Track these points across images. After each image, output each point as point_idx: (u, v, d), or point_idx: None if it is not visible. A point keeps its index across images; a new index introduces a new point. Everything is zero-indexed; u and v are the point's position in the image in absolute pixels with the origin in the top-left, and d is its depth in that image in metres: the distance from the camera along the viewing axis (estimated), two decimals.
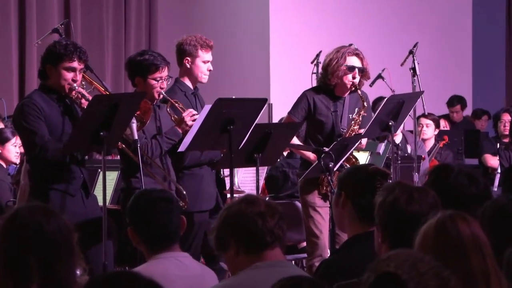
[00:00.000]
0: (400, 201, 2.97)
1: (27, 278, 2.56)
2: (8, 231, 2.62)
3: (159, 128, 5.54)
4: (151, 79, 5.48)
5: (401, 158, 7.51)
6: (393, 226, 2.95)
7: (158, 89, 5.48)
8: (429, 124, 9.24)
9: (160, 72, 5.48)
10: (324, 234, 5.85)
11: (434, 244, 2.49)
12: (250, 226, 2.98)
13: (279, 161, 7.18)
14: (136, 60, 5.56)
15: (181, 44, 5.86)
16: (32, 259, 2.56)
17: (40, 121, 5.04)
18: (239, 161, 5.41)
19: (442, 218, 2.54)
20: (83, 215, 5.10)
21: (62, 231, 2.62)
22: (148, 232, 3.56)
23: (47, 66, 5.14)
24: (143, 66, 5.49)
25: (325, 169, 5.48)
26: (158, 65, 5.47)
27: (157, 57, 5.51)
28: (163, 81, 5.50)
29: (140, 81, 5.52)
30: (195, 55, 5.84)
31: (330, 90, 5.99)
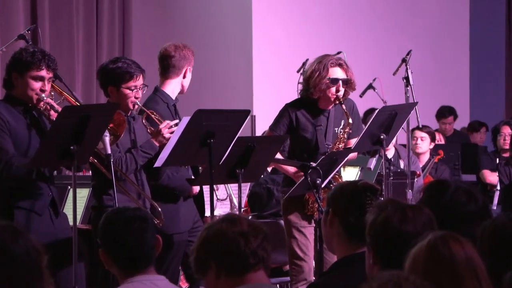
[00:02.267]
0: (393, 220, 2.98)
1: None
2: None
3: (134, 141, 5.53)
4: (125, 88, 5.46)
5: (394, 174, 7.54)
6: (385, 247, 2.96)
7: (133, 99, 5.47)
8: (424, 137, 9.27)
9: (134, 80, 5.46)
10: (308, 257, 5.85)
11: (425, 267, 2.50)
12: (232, 247, 2.98)
13: (263, 177, 7.19)
14: (108, 68, 5.54)
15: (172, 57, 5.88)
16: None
17: (4, 135, 5.01)
18: (220, 177, 5.41)
19: (433, 239, 2.55)
20: (52, 235, 5.08)
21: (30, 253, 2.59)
22: (121, 254, 3.55)
23: (13, 75, 5.12)
24: (116, 75, 5.47)
25: (312, 185, 5.48)
26: (132, 73, 5.46)
27: (131, 64, 5.49)
28: (138, 90, 5.49)
29: (113, 91, 5.51)
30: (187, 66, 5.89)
31: (313, 103, 5.99)
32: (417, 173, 8.36)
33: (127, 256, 3.54)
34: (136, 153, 5.42)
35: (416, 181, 8.05)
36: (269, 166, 7.21)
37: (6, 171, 4.99)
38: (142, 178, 5.55)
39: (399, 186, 7.28)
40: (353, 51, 7.63)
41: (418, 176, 8.32)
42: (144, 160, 5.43)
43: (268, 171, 7.59)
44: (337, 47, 7.32)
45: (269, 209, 7.29)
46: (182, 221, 5.73)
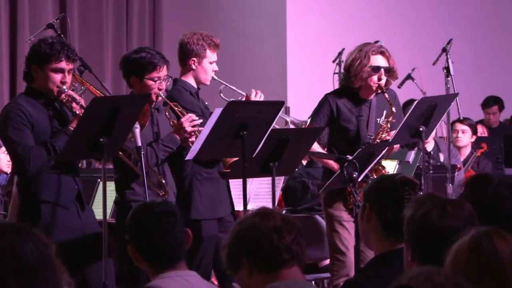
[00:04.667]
0: (432, 216, 2.96)
1: None
2: None
3: (157, 134, 5.53)
4: (148, 79, 5.46)
5: (433, 167, 7.49)
6: (424, 243, 2.94)
7: (156, 90, 5.47)
8: (465, 130, 9.20)
9: (157, 71, 5.45)
10: (350, 252, 5.83)
11: (467, 264, 2.48)
12: (265, 242, 2.98)
13: (297, 171, 7.18)
14: (131, 58, 5.54)
15: (187, 44, 5.86)
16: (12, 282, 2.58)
17: (25, 129, 5.04)
18: (253, 170, 5.41)
19: (477, 235, 2.53)
20: (79, 229, 5.11)
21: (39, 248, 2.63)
22: (150, 250, 3.56)
23: (33, 68, 5.13)
24: (139, 65, 5.46)
25: (348, 179, 5.46)
26: (155, 63, 5.44)
27: (154, 55, 5.48)
28: (162, 81, 5.49)
29: (136, 81, 5.52)
30: (202, 56, 5.85)
31: (354, 93, 5.97)
32: (458, 167, 8.30)
33: (156, 252, 3.55)
34: (157, 147, 5.43)
35: (457, 175, 7.99)
36: (304, 159, 7.21)
37: (25, 165, 5.01)
38: (165, 171, 5.55)
39: (439, 180, 7.23)
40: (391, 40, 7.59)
41: (458, 170, 8.26)
42: (165, 154, 5.44)
43: (303, 164, 7.57)
44: (374, 36, 7.28)
45: (304, 203, 7.28)
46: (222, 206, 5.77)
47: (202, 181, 5.75)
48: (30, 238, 2.63)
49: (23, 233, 2.64)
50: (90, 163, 7.87)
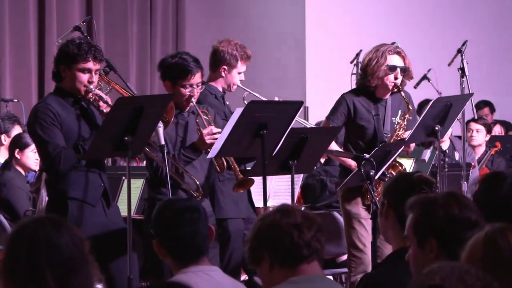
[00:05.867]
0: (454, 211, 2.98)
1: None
2: (16, 247, 2.65)
3: (182, 140, 5.52)
4: (180, 86, 5.45)
5: (449, 165, 7.47)
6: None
7: (188, 97, 5.44)
8: (479, 129, 9.17)
9: (190, 79, 5.42)
10: (368, 248, 5.82)
11: (482, 260, 2.47)
12: (285, 238, 2.98)
13: (316, 169, 7.17)
14: (167, 61, 5.54)
15: (221, 51, 5.85)
16: (47, 273, 2.60)
17: (55, 128, 5.06)
18: (273, 168, 5.41)
19: (491, 231, 2.52)
20: (105, 226, 5.13)
21: (74, 242, 2.66)
22: (174, 245, 3.57)
23: (61, 68, 5.15)
24: (173, 70, 5.45)
25: (365, 177, 5.46)
26: (188, 71, 5.41)
27: (189, 62, 5.43)
28: (194, 88, 5.46)
29: (169, 86, 5.52)
30: (233, 66, 5.87)
31: (370, 92, 5.97)
32: (473, 165, 8.27)
33: (180, 247, 3.56)
34: (178, 157, 5.42)
35: (472, 173, 7.97)
36: (322, 157, 7.20)
37: (56, 165, 5.03)
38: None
39: (454, 178, 7.21)
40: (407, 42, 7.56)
41: (473, 168, 8.24)
42: (186, 164, 5.43)
43: (321, 162, 7.57)
44: (391, 37, 7.27)
45: (322, 200, 7.28)
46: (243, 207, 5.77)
47: (224, 181, 5.75)
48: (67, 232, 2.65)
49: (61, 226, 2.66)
50: (115, 161, 7.89)
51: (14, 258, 2.65)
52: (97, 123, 5.17)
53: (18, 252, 2.65)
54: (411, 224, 2.97)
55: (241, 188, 5.49)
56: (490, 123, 9.58)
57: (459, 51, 7.14)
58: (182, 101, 5.48)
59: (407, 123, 5.97)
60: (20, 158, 7.03)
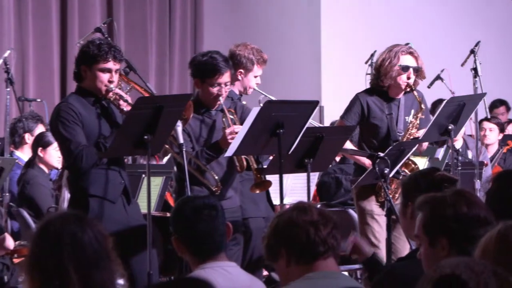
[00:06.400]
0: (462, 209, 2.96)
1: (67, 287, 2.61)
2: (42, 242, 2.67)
3: (206, 139, 5.52)
4: (209, 84, 5.45)
5: (462, 164, 7.45)
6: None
7: (216, 95, 5.44)
8: (492, 128, 9.14)
9: (218, 77, 5.41)
10: (382, 244, 5.81)
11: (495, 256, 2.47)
12: (302, 235, 2.98)
13: (331, 167, 7.17)
14: (197, 60, 5.53)
15: (238, 55, 5.84)
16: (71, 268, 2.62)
17: (77, 127, 5.07)
18: (289, 166, 5.41)
19: (504, 228, 2.51)
20: (125, 222, 5.13)
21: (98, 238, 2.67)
22: (192, 241, 3.57)
23: (82, 68, 5.16)
24: (202, 69, 5.44)
25: (380, 175, 5.45)
26: (216, 70, 5.40)
27: (219, 61, 5.42)
28: (222, 87, 5.45)
29: (198, 83, 5.53)
30: (250, 69, 5.86)
31: (383, 92, 5.96)
32: (485, 163, 8.25)
33: (198, 243, 3.56)
34: (200, 154, 5.43)
35: (484, 171, 7.94)
36: (337, 156, 7.20)
37: (78, 163, 5.05)
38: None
39: (467, 176, 7.19)
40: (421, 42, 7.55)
41: (486, 166, 8.21)
42: (208, 161, 5.43)
43: (337, 160, 7.56)
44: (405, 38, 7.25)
45: (338, 198, 7.27)
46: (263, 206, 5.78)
47: (243, 182, 5.75)
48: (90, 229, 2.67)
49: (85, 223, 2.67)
50: (135, 159, 7.91)
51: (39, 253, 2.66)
52: (117, 122, 5.19)
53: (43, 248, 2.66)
54: (420, 224, 2.96)
55: (258, 189, 5.49)
56: (503, 123, 9.55)
57: (472, 52, 7.12)
58: (209, 100, 5.48)
59: (419, 122, 5.96)
60: (43, 156, 7.06)
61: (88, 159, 5.04)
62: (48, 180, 7.09)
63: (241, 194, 5.72)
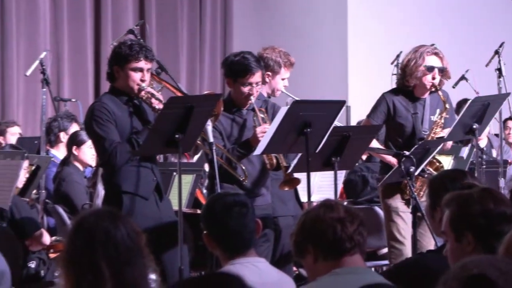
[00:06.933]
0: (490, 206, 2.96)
1: (100, 282, 2.62)
2: (76, 238, 2.68)
3: (237, 138, 5.53)
4: (240, 84, 5.45)
5: (486, 162, 7.40)
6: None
7: (247, 95, 5.44)
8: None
9: (249, 77, 5.40)
10: (407, 240, 5.79)
11: None
12: (329, 232, 2.98)
13: (357, 165, 7.15)
14: (229, 60, 5.54)
15: (266, 58, 5.83)
16: (103, 264, 2.63)
17: (110, 125, 5.09)
18: (316, 165, 5.40)
19: None
20: (157, 219, 5.15)
21: (130, 235, 2.67)
22: (223, 238, 3.58)
23: (114, 68, 5.18)
24: (234, 68, 5.44)
25: (405, 173, 5.43)
26: (249, 69, 5.40)
27: (250, 61, 5.42)
28: (253, 87, 5.45)
29: (230, 83, 5.53)
30: (277, 72, 5.84)
31: (409, 92, 5.95)
32: (509, 162, 8.19)
33: (229, 240, 3.57)
34: (232, 152, 5.44)
35: (508, 170, 7.89)
36: (364, 155, 7.18)
37: (112, 160, 5.07)
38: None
39: (492, 175, 7.15)
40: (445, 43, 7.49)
41: (510, 165, 8.16)
42: (239, 159, 5.44)
43: (363, 159, 7.54)
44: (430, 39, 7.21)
45: (364, 195, 7.25)
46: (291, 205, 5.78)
47: (271, 182, 5.74)
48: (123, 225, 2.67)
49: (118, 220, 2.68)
50: (166, 157, 7.93)
51: (74, 249, 2.68)
52: (149, 120, 5.20)
53: (77, 244, 2.68)
54: (448, 220, 2.96)
55: (287, 186, 5.49)
56: None
57: (496, 52, 7.09)
58: (241, 99, 5.49)
59: (444, 122, 5.93)
60: (77, 154, 7.10)
61: (121, 155, 5.06)
62: (83, 178, 7.13)
63: (270, 194, 5.72)
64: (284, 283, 3.63)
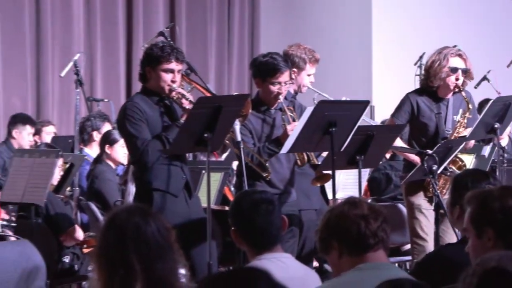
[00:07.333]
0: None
1: (131, 277, 2.63)
2: (108, 234, 2.70)
3: (267, 136, 5.54)
4: (270, 83, 5.47)
5: (507, 161, 7.33)
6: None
7: (276, 94, 5.46)
8: None
9: (278, 77, 5.42)
10: (430, 237, 5.77)
11: None
12: (353, 228, 2.97)
13: (381, 164, 7.13)
14: (258, 60, 5.55)
15: (291, 55, 5.83)
16: (134, 259, 2.64)
17: (142, 124, 5.11)
18: (341, 163, 5.40)
19: None
20: (186, 215, 5.16)
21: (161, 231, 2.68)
22: (250, 234, 3.59)
23: (146, 69, 5.20)
24: (263, 68, 5.46)
25: (428, 172, 5.42)
26: (277, 69, 5.41)
27: (279, 61, 5.44)
28: (282, 86, 5.46)
29: (259, 83, 5.54)
30: (302, 68, 5.84)
31: (433, 92, 5.93)
32: None
33: (255, 236, 3.57)
34: (262, 149, 5.45)
35: None
36: (387, 153, 7.15)
37: (144, 159, 5.09)
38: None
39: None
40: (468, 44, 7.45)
41: None
42: (270, 156, 5.45)
43: (387, 157, 7.51)
44: (453, 40, 7.18)
45: (388, 193, 7.23)
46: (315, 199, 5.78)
47: (296, 176, 5.75)
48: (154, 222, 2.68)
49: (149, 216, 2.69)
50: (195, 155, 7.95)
51: (106, 245, 2.69)
52: (180, 120, 5.22)
53: (109, 239, 2.69)
54: (469, 217, 2.96)
55: (319, 182, 5.51)
56: None
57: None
58: (270, 98, 5.50)
59: (467, 121, 5.91)
60: (110, 153, 7.13)
61: (153, 154, 5.09)
62: (115, 175, 7.17)
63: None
64: (309, 278, 3.63)
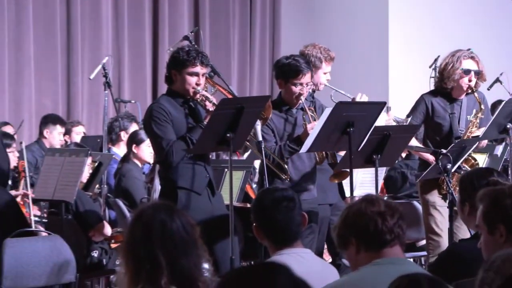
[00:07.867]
0: None
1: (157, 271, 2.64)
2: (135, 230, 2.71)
3: (289, 135, 5.54)
4: (291, 84, 5.47)
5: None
6: None
7: (298, 95, 5.46)
8: None
9: (300, 78, 5.43)
10: (445, 233, 5.75)
11: None
12: (370, 225, 2.97)
13: (397, 162, 7.11)
14: (281, 62, 5.56)
15: (307, 55, 5.82)
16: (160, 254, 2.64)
17: (167, 125, 5.12)
18: (359, 162, 5.39)
19: None
20: (209, 212, 5.17)
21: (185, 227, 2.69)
22: (271, 230, 3.59)
23: (172, 72, 5.21)
24: (285, 70, 5.46)
25: (443, 170, 5.40)
26: (299, 70, 5.42)
27: (301, 63, 5.45)
28: (303, 87, 5.47)
29: (282, 84, 5.55)
30: (319, 67, 5.83)
31: (447, 93, 5.92)
32: None
33: (276, 232, 3.58)
34: (283, 147, 5.45)
35: None
36: (403, 152, 7.13)
37: (169, 158, 5.10)
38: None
39: None
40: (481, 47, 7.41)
41: None
42: (291, 154, 5.45)
43: (403, 156, 7.49)
44: (466, 43, 7.14)
45: (403, 191, 7.21)
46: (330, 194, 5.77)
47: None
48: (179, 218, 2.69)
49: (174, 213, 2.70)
50: (218, 154, 7.96)
51: (133, 240, 2.70)
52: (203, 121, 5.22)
53: (136, 235, 2.70)
54: (481, 214, 2.95)
55: (336, 179, 5.52)
56: None
57: None
58: (292, 98, 5.50)
59: (480, 121, 5.89)
60: (136, 152, 7.16)
61: (177, 154, 5.10)
62: (142, 174, 7.19)
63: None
64: (327, 272, 3.63)
